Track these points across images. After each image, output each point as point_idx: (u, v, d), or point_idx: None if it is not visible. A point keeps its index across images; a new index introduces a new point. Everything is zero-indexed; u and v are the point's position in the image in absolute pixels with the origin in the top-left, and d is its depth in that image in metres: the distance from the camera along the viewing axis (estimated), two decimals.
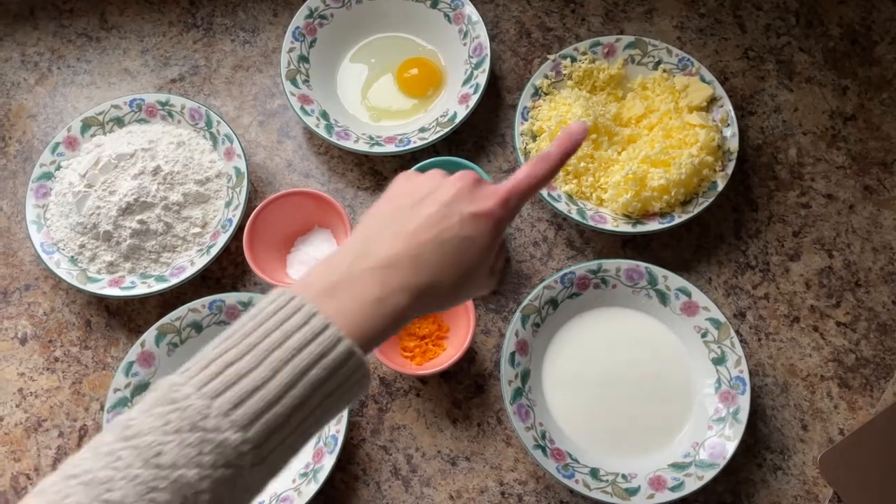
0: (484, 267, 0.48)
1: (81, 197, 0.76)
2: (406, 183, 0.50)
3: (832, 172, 0.81)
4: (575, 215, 0.75)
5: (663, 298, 0.73)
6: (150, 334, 0.73)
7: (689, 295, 0.72)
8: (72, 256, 0.77)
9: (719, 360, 0.71)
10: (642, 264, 0.73)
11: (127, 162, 0.77)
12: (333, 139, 0.80)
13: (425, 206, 0.47)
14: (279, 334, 0.40)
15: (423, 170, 0.75)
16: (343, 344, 0.41)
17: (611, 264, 0.74)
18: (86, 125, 0.83)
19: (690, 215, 0.75)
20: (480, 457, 0.71)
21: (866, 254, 0.77)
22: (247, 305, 0.74)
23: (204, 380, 0.39)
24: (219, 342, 0.41)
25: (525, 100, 0.81)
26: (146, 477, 0.35)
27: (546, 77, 0.82)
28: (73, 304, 0.80)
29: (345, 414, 0.68)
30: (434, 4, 0.87)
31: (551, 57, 0.82)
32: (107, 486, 0.35)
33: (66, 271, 0.76)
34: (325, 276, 0.44)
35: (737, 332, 0.74)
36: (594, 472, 0.68)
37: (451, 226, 0.46)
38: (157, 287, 0.75)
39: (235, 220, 0.77)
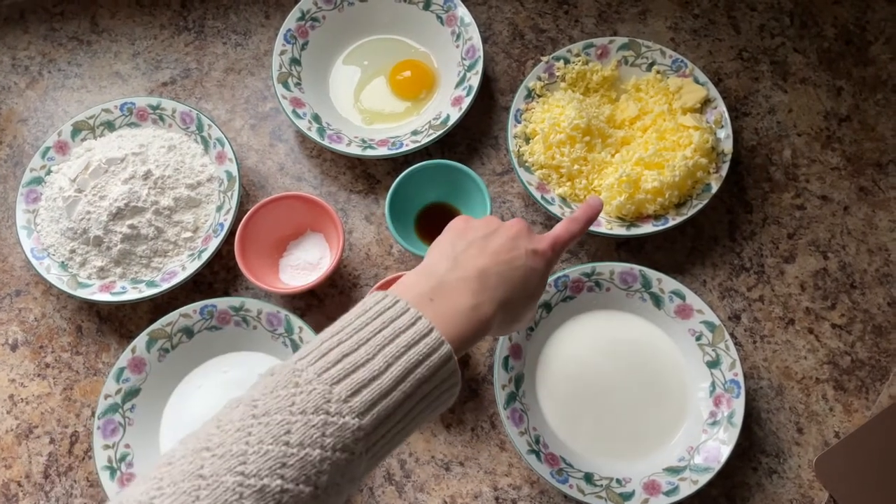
0: (539, 296, 0.53)
1: (72, 202, 0.76)
2: (467, 223, 0.54)
3: (827, 174, 0.80)
4: None
5: (657, 301, 0.73)
6: (140, 340, 0.72)
7: (683, 298, 0.72)
8: (62, 262, 0.77)
9: (714, 364, 0.70)
10: (636, 267, 0.73)
11: (117, 166, 0.77)
12: (325, 142, 0.80)
13: (496, 237, 0.52)
14: (389, 332, 0.43)
15: (415, 174, 0.75)
16: (445, 347, 0.44)
17: (605, 267, 0.73)
18: (76, 129, 0.82)
19: (684, 217, 0.75)
20: (474, 462, 0.71)
21: (861, 255, 0.77)
22: (238, 310, 0.73)
23: (324, 366, 0.41)
24: (328, 336, 0.43)
25: (518, 102, 0.81)
26: (276, 453, 0.38)
27: (539, 79, 0.82)
28: (64, 309, 0.79)
29: None
30: (426, 6, 0.86)
31: (544, 59, 0.82)
32: (240, 458, 0.37)
33: (56, 277, 0.76)
34: (424, 282, 0.48)
35: (731, 334, 0.74)
36: (588, 477, 0.68)
37: (520, 255, 0.51)
38: (148, 292, 0.75)
39: (227, 225, 0.76)
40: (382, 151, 0.79)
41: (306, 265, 0.77)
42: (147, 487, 0.37)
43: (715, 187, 0.76)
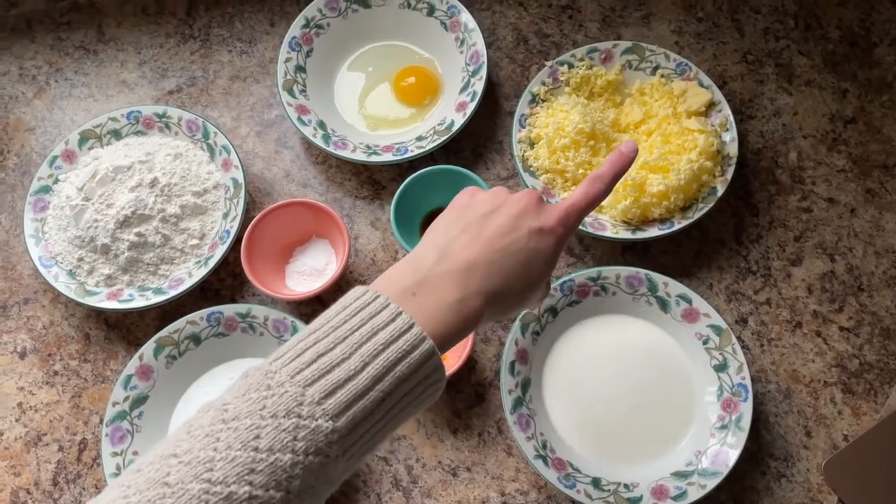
0: (545, 278, 0.50)
1: (79, 210, 0.76)
2: (472, 196, 0.52)
3: (833, 176, 0.80)
4: None
5: (664, 305, 0.73)
6: (148, 347, 0.73)
7: (689, 301, 0.72)
8: (70, 270, 0.77)
9: (721, 367, 0.70)
10: (642, 271, 0.73)
11: (124, 174, 0.77)
12: (331, 149, 0.80)
13: (496, 217, 0.49)
14: (367, 329, 0.41)
15: (420, 179, 0.75)
16: (426, 343, 0.42)
17: (610, 271, 0.73)
18: (83, 138, 0.83)
19: (690, 221, 0.75)
20: (481, 467, 0.71)
21: (869, 258, 0.77)
22: (245, 317, 0.73)
23: (297, 368, 0.40)
24: (305, 335, 0.42)
25: (522, 107, 0.81)
26: (244, 459, 0.37)
27: (543, 84, 0.82)
28: (72, 317, 0.80)
29: None
30: (430, 12, 0.87)
31: (548, 63, 0.82)
32: (207, 465, 0.36)
33: (64, 285, 0.76)
34: (407, 276, 0.46)
35: (738, 338, 0.73)
36: (596, 482, 0.67)
37: (520, 237, 0.48)
38: (156, 299, 0.75)
39: (233, 232, 0.76)
40: (387, 157, 0.80)
41: (312, 271, 0.77)
42: (114, 495, 0.36)
43: (720, 190, 0.75)
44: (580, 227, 0.74)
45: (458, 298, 0.45)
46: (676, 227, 0.75)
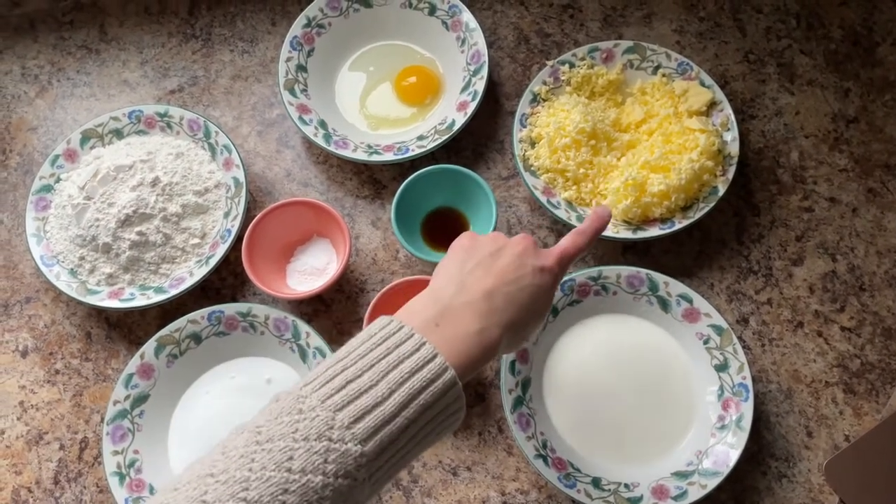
0: (546, 313, 0.54)
1: (81, 209, 0.76)
2: (474, 238, 0.54)
3: (835, 176, 0.80)
4: (575, 222, 0.75)
5: (665, 305, 0.72)
6: (149, 346, 0.73)
7: (690, 301, 0.72)
8: (71, 269, 0.77)
9: (722, 367, 0.70)
10: (643, 270, 0.73)
11: (126, 174, 0.77)
12: (332, 148, 0.80)
13: (503, 256, 0.52)
14: (393, 358, 0.44)
15: (421, 179, 0.75)
16: (449, 373, 0.44)
17: (611, 271, 0.73)
18: (85, 137, 0.83)
19: (691, 221, 0.75)
20: (482, 466, 0.71)
21: (870, 257, 0.76)
22: (246, 316, 0.74)
23: (327, 393, 0.42)
24: (333, 362, 0.44)
25: (524, 106, 0.81)
26: (278, 479, 0.38)
27: (544, 83, 0.82)
28: (74, 316, 0.80)
29: None
30: (432, 12, 0.87)
31: (549, 63, 0.82)
32: (243, 485, 0.38)
33: (66, 283, 0.76)
34: (429, 308, 0.48)
35: (739, 338, 0.73)
36: (596, 482, 0.67)
37: (526, 274, 0.51)
38: (157, 298, 0.75)
39: (234, 231, 0.76)
40: (388, 157, 0.80)
41: (313, 270, 0.77)
42: None
43: (722, 190, 0.75)
44: None
45: (479, 329, 0.47)
46: (677, 226, 0.74)
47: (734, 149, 0.77)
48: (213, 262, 0.76)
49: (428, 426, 0.44)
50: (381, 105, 0.86)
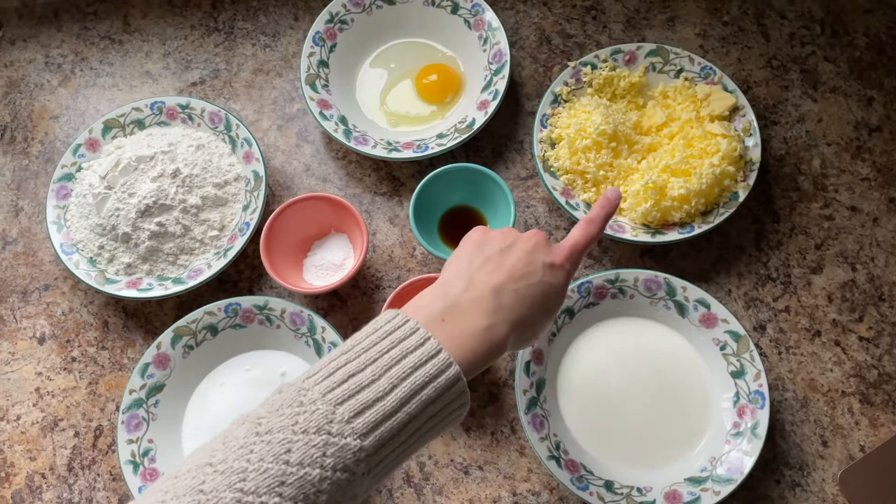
0: (557, 310, 0.53)
1: (101, 199, 0.77)
2: (485, 233, 0.54)
3: (856, 184, 0.79)
4: None
5: (682, 310, 0.72)
6: (165, 336, 0.73)
7: (708, 306, 0.71)
8: (91, 257, 0.78)
9: (738, 374, 0.70)
10: (661, 275, 0.72)
11: (147, 164, 0.78)
12: (351, 144, 0.80)
13: (513, 251, 0.51)
14: (397, 352, 0.43)
15: (440, 177, 0.75)
16: (453, 369, 0.43)
17: (629, 274, 0.73)
18: (107, 127, 0.83)
19: (711, 226, 0.74)
20: (494, 466, 0.71)
21: (891, 267, 0.76)
22: (262, 309, 0.74)
23: (329, 386, 0.41)
24: (337, 354, 0.44)
25: (544, 107, 0.80)
26: (276, 471, 0.38)
27: (566, 84, 0.81)
28: (91, 304, 0.80)
29: None
30: (454, 10, 0.87)
31: (571, 64, 0.82)
32: (241, 475, 0.38)
33: (84, 272, 0.77)
34: (437, 302, 0.47)
35: (756, 345, 0.73)
36: (609, 485, 0.67)
37: (537, 270, 0.50)
38: (174, 289, 0.75)
39: (253, 224, 0.77)
40: (408, 154, 0.80)
41: (330, 266, 0.77)
42: (153, 501, 0.38)
43: (742, 196, 0.75)
44: None
45: (486, 325, 0.47)
46: (697, 231, 0.74)
47: (756, 154, 0.76)
48: (230, 254, 0.76)
49: (430, 421, 0.44)
50: (402, 102, 0.86)
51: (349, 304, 0.78)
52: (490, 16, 0.84)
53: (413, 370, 0.43)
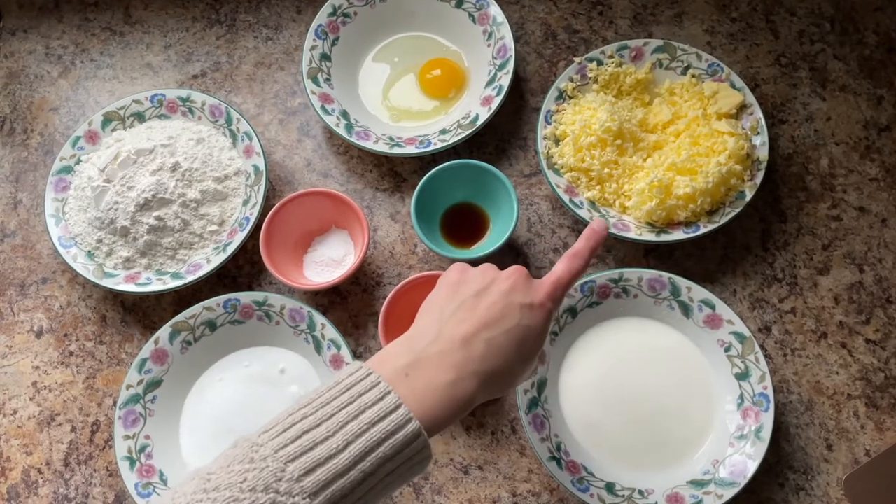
0: (537, 353, 0.51)
1: (100, 192, 0.76)
2: (463, 273, 0.52)
3: (865, 185, 0.78)
4: None
5: (686, 310, 0.71)
6: (164, 331, 0.72)
7: (712, 307, 0.70)
8: (89, 251, 0.77)
9: (742, 376, 0.69)
10: (665, 274, 0.71)
11: (146, 157, 0.77)
12: (353, 139, 0.79)
13: (488, 295, 0.49)
14: (354, 408, 0.42)
15: (442, 173, 0.74)
16: (412, 425, 0.42)
17: (632, 273, 0.72)
18: (107, 119, 0.82)
19: (716, 225, 0.73)
20: (493, 466, 0.70)
21: None
22: (261, 305, 0.73)
23: (282, 443, 0.40)
24: (295, 409, 0.43)
25: (549, 103, 0.79)
26: None
27: (571, 80, 0.80)
28: (90, 298, 0.80)
29: None
30: (459, 4, 0.86)
31: (577, 60, 0.81)
32: None
33: (82, 266, 0.76)
34: (402, 356, 0.46)
35: (761, 346, 0.72)
36: (610, 487, 0.66)
37: (513, 314, 0.48)
38: (173, 284, 0.75)
39: (253, 219, 0.76)
40: (410, 150, 0.79)
41: (330, 262, 0.76)
42: None
43: (749, 195, 0.74)
44: None
45: (451, 380, 0.45)
46: (702, 230, 0.73)
47: (763, 153, 0.75)
48: (230, 249, 0.75)
49: (388, 477, 0.42)
50: (405, 97, 0.85)
51: (349, 301, 0.77)
52: (495, 10, 0.83)
53: (370, 426, 0.41)
